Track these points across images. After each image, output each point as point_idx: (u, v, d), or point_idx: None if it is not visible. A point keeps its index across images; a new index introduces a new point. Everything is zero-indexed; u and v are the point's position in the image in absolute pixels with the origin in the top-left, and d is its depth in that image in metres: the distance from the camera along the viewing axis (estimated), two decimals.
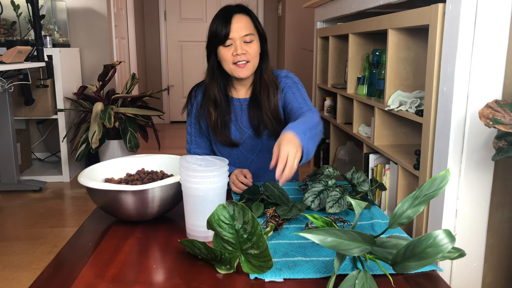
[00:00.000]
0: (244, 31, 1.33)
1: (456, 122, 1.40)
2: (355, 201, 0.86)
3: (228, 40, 1.33)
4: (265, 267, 0.82)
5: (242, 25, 1.33)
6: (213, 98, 1.42)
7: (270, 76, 1.42)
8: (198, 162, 1.01)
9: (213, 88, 1.41)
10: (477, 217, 1.46)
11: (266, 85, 1.41)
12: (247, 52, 1.34)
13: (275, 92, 1.41)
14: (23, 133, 3.52)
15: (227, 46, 1.34)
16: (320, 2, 2.97)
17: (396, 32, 1.88)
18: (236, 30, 1.32)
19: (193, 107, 1.49)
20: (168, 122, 5.78)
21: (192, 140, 1.52)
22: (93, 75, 3.67)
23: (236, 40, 1.33)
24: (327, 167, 1.27)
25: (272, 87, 1.41)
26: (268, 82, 1.41)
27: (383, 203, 2.02)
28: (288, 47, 5.08)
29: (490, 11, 1.33)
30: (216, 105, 1.42)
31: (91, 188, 1.05)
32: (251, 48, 1.35)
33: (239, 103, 1.45)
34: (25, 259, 2.12)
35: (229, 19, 1.32)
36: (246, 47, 1.34)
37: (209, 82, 1.42)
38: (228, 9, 1.36)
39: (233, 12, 1.34)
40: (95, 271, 0.87)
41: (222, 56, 1.35)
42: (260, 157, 1.48)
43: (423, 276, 0.86)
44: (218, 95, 1.42)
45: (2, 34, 3.27)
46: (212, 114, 1.42)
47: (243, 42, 1.34)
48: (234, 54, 1.33)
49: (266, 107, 1.40)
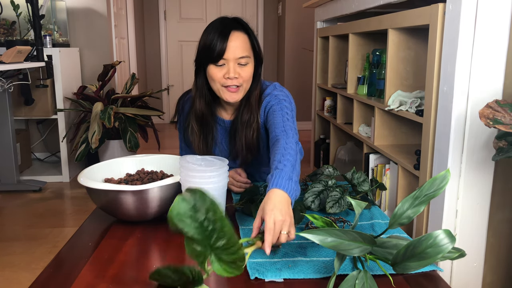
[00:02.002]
0: (240, 53, 1.20)
1: (456, 122, 1.40)
2: (355, 201, 0.86)
3: (222, 60, 1.20)
4: (238, 262, 0.68)
5: (238, 45, 1.20)
6: (199, 115, 1.32)
7: (257, 100, 1.31)
8: (198, 162, 1.01)
9: (200, 105, 1.31)
10: (477, 217, 1.45)
11: (250, 109, 1.30)
12: (239, 76, 1.22)
13: (257, 119, 1.30)
14: (23, 133, 3.52)
15: (219, 66, 1.21)
16: (320, 2, 2.97)
17: (396, 32, 1.88)
18: (231, 50, 1.19)
19: (181, 117, 1.42)
20: (168, 122, 5.78)
21: (182, 146, 1.47)
22: (93, 75, 3.67)
23: (230, 61, 1.20)
24: (327, 167, 1.27)
25: (255, 111, 1.31)
26: (253, 106, 1.30)
27: (383, 203, 2.02)
28: (288, 47, 5.08)
29: (490, 11, 1.33)
30: (202, 123, 1.33)
31: (91, 188, 1.05)
32: (245, 72, 1.23)
33: (224, 124, 1.37)
34: (25, 259, 2.12)
35: (226, 36, 1.19)
36: (239, 69, 1.22)
37: (195, 96, 1.31)
38: (226, 23, 1.22)
39: (231, 28, 1.21)
40: (95, 271, 0.87)
41: (212, 75, 1.23)
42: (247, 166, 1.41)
43: (423, 276, 0.86)
44: (205, 112, 1.32)
45: (2, 34, 3.27)
46: (195, 132, 1.33)
47: (237, 64, 1.21)
48: (225, 77, 1.21)
49: (242, 135, 1.31)
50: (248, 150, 1.32)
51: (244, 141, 1.31)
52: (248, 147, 1.31)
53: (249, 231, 1.05)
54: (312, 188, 1.19)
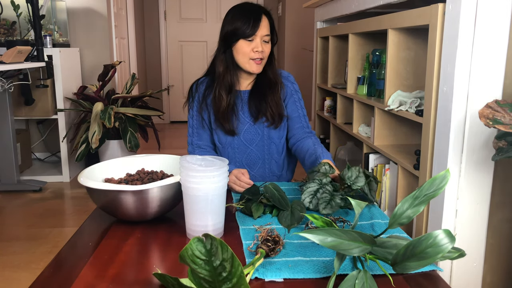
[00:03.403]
0: (266, 31, 1.46)
1: (456, 122, 1.40)
2: (355, 201, 0.86)
3: (253, 36, 1.44)
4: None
5: (265, 25, 1.46)
6: (228, 84, 1.50)
7: (275, 75, 1.54)
8: (198, 162, 1.01)
9: (229, 76, 1.50)
10: (477, 217, 1.45)
11: (271, 82, 1.53)
12: (263, 51, 1.46)
13: (279, 89, 1.54)
14: (23, 133, 3.52)
15: (249, 41, 1.45)
16: (320, 2, 2.97)
17: (396, 32, 1.88)
18: (261, 29, 1.45)
19: (195, 100, 1.56)
20: (168, 122, 5.78)
21: (194, 133, 1.57)
22: (93, 75, 3.67)
23: (258, 37, 1.45)
24: (323, 165, 1.26)
25: (276, 84, 1.53)
26: (272, 79, 1.53)
27: (383, 203, 2.02)
28: (288, 47, 5.08)
29: (490, 11, 1.33)
30: (230, 91, 1.51)
31: (91, 188, 1.05)
32: (267, 48, 1.48)
33: (240, 95, 1.55)
34: (25, 259, 2.12)
35: (259, 17, 1.45)
36: (263, 46, 1.46)
37: (224, 70, 1.50)
38: (255, 9, 1.47)
39: (261, 12, 1.47)
40: (95, 271, 0.87)
41: (242, 49, 1.45)
42: (259, 147, 1.56)
43: (423, 276, 0.86)
44: (234, 83, 1.51)
45: (2, 34, 3.27)
46: (224, 99, 1.50)
47: (262, 41, 1.46)
48: (254, 50, 1.44)
49: (270, 98, 1.51)
50: (276, 110, 1.52)
51: (272, 102, 1.52)
52: (275, 108, 1.52)
53: (249, 231, 1.05)
54: (308, 189, 1.18)
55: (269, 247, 0.90)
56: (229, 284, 0.69)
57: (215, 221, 1.01)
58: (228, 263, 0.69)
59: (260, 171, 1.58)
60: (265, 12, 1.49)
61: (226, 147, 1.55)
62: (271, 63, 1.54)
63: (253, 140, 1.55)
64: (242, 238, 1.01)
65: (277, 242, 0.92)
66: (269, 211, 1.16)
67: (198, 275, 0.71)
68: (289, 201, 1.13)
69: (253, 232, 1.04)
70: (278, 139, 1.56)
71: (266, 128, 1.55)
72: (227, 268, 0.69)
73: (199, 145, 1.56)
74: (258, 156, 1.57)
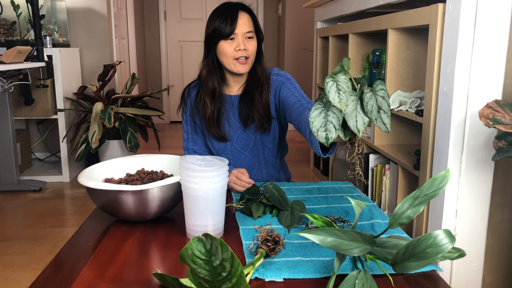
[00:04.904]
0: (247, 28, 1.39)
1: (456, 122, 1.40)
2: (355, 201, 0.86)
3: (233, 34, 1.37)
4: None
5: (245, 22, 1.39)
6: (211, 89, 1.45)
7: (264, 74, 1.47)
8: (198, 162, 1.01)
9: (211, 81, 1.45)
10: (477, 217, 1.45)
11: (260, 82, 1.46)
12: (247, 49, 1.39)
13: (267, 90, 1.46)
14: (23, 133, 3.52)
15: (229, 40, 1.38)
16: (320, 2, 2.97)
17: (396, 32, 1.88)
18: (240, 26, 1.37)
19: (187, 105, 1.52)
20: (168, 122, 5.78)
21: (188, 138, 1.55)
22: (93, 75, 3.67)
23: (239, 35, 1.38)
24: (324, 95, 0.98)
25: (264, 85, 1.46)
26: (261, 80, 1.46)
27: (383, 203, 2.02)
28: (288, 47, 5.08)
29: (490, 11, 1.33)
30: (214, 96, 1.46)
31: (91, 188, 1.05)
32: (251, 45, 1.40)
33: (231, 100, 1.49)
34: (25, 259, 2.12)
35: (235, 15, 1.37)
36: (247, 43, 1.39)
37: (206, 75, 1.45)
38: (232, 6, 1.41)
39: (238, 9, 1.39)
40: (95, 271, 0.87)
41: (224, 50, 1.39)
42: (253, 153, 1.53)
43: (423, 276, 0.86)
44: (216, 87, 1.46)
45: (2, 34, 3.27)
46: (208, 106, 1.45)
47: (245, 38, 1.39)
48: (236, 49, 1.38)
49: (258, 102, 1.45)
50: (265, 115, 1.45)
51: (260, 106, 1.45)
52: (264, 112, 1.45)
53: (249, 231, 1.05)
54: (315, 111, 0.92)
55: (269, 247, 0.90)
56: (229, 284, 0.70)
57: (215, 221, 1.01)
58: (228, 263, 0.69)
59: (258, 175, 1.55)
60: (243, 7, 1.41)
61: (220, 153, 1.52)
62: (260, 62, 1.47)
63: (246, 146, 1.52)
64: (242, 238, 1.01)
65: (277, 242, 0.93)
66: (269, 211, 1.16)
67: (198, 275, 0.71)
68: (289, 201, 1.13)
69: (253, 232, 1.04)
70: (271, 143, 1.52)
71: (257, 133, 1.50)
72: (227, 268, 0.69)
73: (194, 150, 1.54)
74: (254, 162, 1.54)
